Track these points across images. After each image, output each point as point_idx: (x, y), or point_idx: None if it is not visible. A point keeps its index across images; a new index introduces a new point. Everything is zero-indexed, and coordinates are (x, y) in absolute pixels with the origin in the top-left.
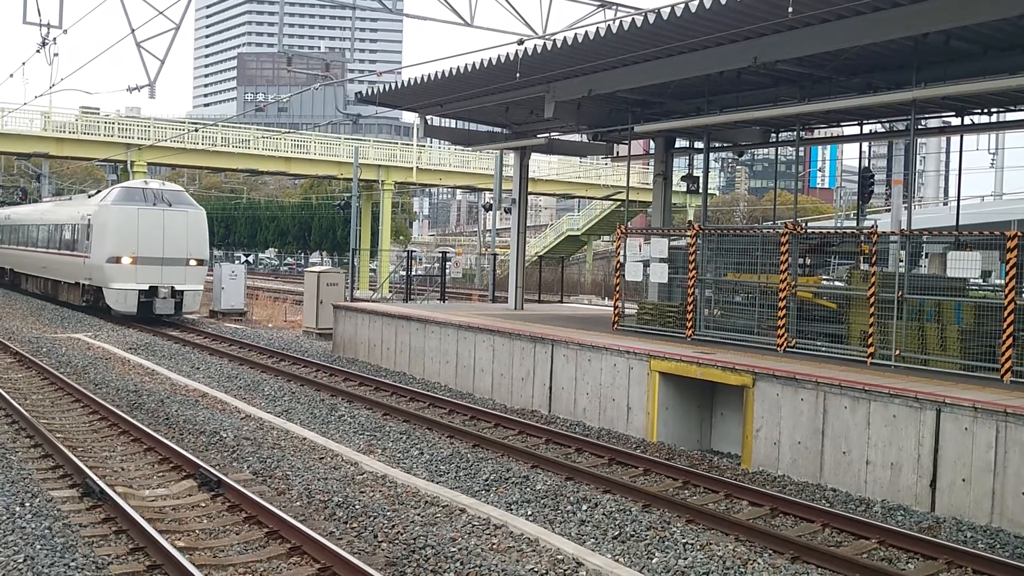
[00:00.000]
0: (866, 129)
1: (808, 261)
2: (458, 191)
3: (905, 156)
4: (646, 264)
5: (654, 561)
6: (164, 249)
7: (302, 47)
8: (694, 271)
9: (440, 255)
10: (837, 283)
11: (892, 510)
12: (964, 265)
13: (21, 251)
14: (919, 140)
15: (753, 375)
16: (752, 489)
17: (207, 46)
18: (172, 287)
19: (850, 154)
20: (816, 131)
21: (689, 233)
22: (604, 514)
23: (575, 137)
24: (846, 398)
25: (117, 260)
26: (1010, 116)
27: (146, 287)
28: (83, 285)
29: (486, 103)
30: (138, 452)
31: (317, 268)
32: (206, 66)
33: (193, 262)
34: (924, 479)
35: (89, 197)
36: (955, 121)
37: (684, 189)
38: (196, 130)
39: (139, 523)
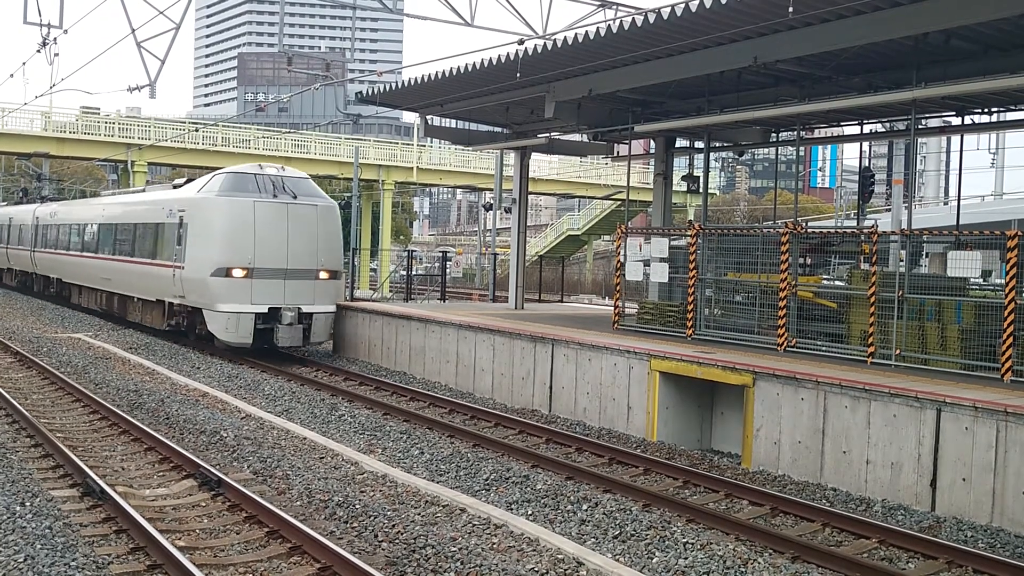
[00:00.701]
0: (866, 129)
1: (808, 261)
2: (458, 191)
3: (905, 156)
4: (646, 264)
5: (654, 561)
6: (288, 257)
7: (302, 47)
8: (694, 271)
9: (440, 255)
10: (837, 283)
11: (892, 509)
12: (964, 265)
13: (74, 257)
14: (919, 140)
15: (753, 374)
16: (752, 489)
17: (207, 46)
18: (299, 309)
19: (850, 154)
20: (816, 131)
21: (689, 233)
22: (604, 514)
23: (575, 137)
24: (846, 397)
25: (226, 273)
26: (1010, 116)
27: (264, 309)
28: (170, 305)
29: (486, 103)
30: (138, 452)
31: None
32: (206, 66)
33: (324, 275)
34: (924, 478)
35: (175, 187)
36: (955, 121)
37: (684, 189)
38: (196, 130)
39: (139, 523)
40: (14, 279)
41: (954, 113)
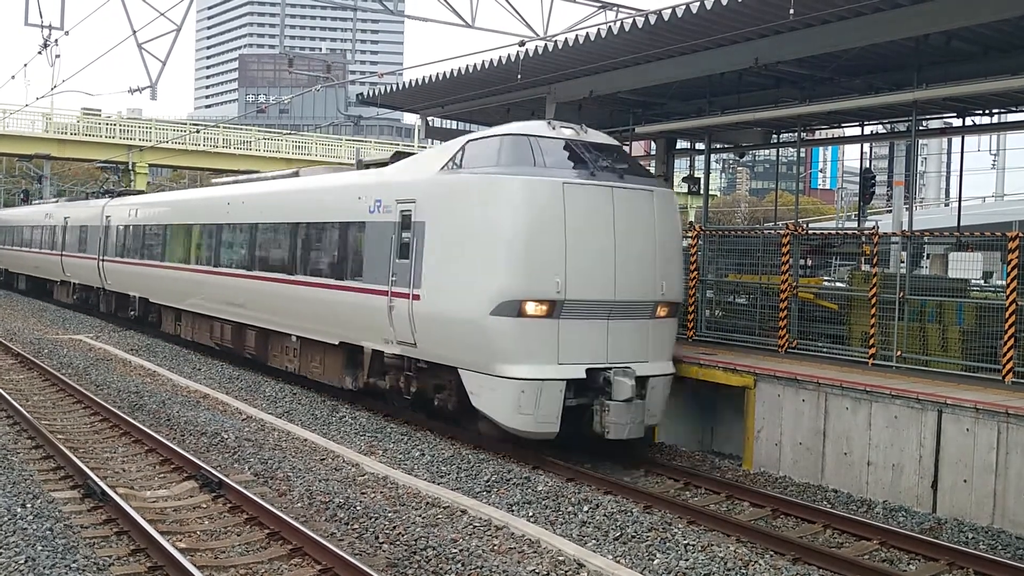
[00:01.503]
0: (867, 130)
1: (809, 262)
2: None
3: (906, 157)
4: None
5: (655, 562)
6: (616, 281)
7: (303, 48)
8: (695, 272)
9: None
10: (838, 284)
11: (893, 511)
12: (965, 266)
13: (177, 271)
14: (920, 141)
15: (754, 376)
16: (753, 490)
17: (208, 47)
18: (632, 371)
19: (851, 155)
20: (817, 132)
21: (690, 234)
22: (605, 515)
23: None
24: (847, 399)
25: (518, 309)
26: (1011, 117)
27: (580, 373)
28: (375, 355)
29: (487, 104)
30: (139, 453)
31: None
32: (207, 67)
33: (662, 310)
34: (926, 480)
35: (369, 166)
36: (956, 122)
37: (685, 190)
38: (198, 131)
39: (140, 524)
40: (72, 295)
41: (955, 114)
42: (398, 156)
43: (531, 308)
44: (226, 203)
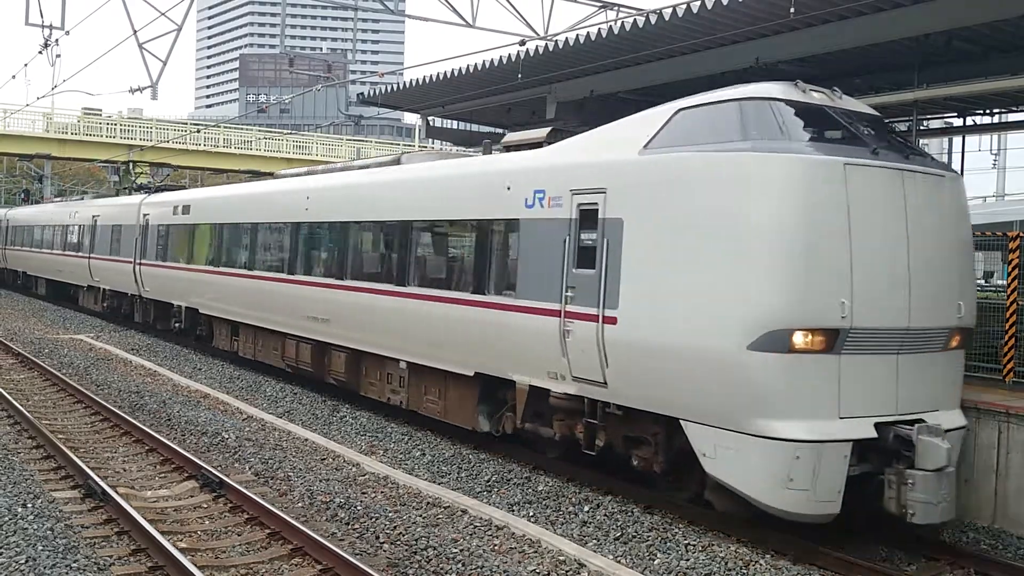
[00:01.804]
0: None
1: None
2: None
3: None
4: None
5: (656, 562)
6: (912, 299)
7: (304, 48)
8: None
9: None
10: None
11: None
12: None
13: (237, 279)
14: (921, 141)
15: None
16: None
17: (209, 47)
18: (939, 427)
19: None
20: None
21: None
22: (606, 515)
23: None
24: None
25: (784, 342)
26: (1012, 117)
27: (869, 431)
28: (536, 395)
29: (488, 104)
30: (140, 453)
31: None
32: (208, 67)
33: (955, 339)
34: None
35: (491, 149)
36: (957, 122)
37: None
38: (198, 131)
39: (141, 524)
40: (102, 302)
41: (956, 114)
42: (557, 134)
43: (800, 340)
44: (305, 197)
